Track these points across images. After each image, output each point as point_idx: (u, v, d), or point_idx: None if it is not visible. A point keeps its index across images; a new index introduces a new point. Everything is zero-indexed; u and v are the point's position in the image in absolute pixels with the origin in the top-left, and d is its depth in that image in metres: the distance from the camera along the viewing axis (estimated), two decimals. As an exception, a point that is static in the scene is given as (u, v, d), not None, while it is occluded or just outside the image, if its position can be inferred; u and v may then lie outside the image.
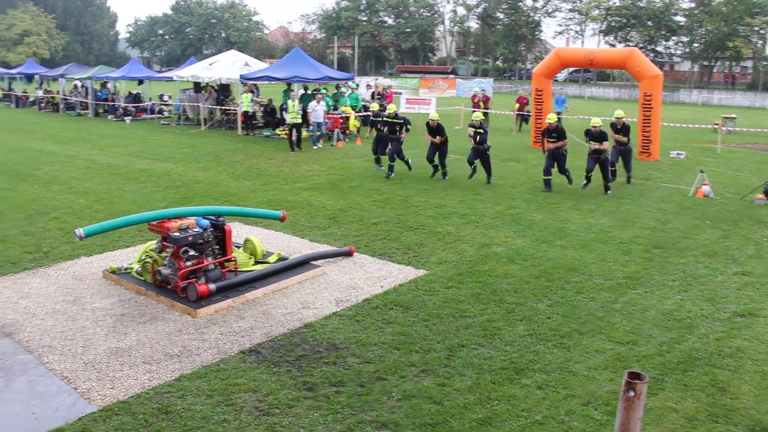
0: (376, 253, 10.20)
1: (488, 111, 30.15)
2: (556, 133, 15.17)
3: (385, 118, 17.05)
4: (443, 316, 7.74)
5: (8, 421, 5.62)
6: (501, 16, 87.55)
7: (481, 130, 15.75)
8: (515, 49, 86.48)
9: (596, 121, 15.21)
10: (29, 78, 49.24)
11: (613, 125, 16.26)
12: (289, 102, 21.71)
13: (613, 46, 74.77)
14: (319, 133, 22.63)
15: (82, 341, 7.14)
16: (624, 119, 16.32)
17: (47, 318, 7.76)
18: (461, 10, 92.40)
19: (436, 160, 16.58)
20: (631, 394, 3.64)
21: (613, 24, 77.15)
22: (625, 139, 16.16)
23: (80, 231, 7.87)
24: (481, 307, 8.07)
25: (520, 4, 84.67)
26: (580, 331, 7.37)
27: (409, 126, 16.80)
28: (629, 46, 67.48)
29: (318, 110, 22.53)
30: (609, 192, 14.95)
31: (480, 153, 15.97)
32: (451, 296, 8.41)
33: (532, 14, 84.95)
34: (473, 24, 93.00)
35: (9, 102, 44.01)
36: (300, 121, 21.68)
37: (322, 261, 9.66)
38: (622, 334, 7.32)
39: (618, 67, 24.65)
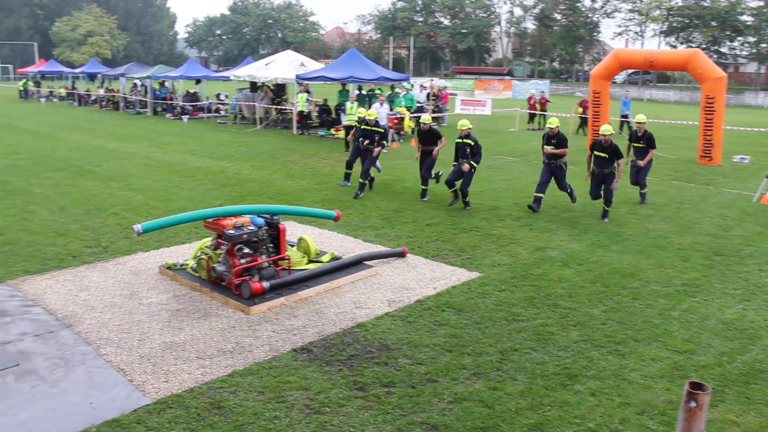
0: (429, 254, 10.17)
1: (545, 113, 29.82)
2: (556, 139, 12.91)
3: (362, 126, 14.99)
4: (496, 320, 7.67)
5: (68, 410, 5.76)
6: (558, 16, 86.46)
7: (471, 142, 13.19)
8: (572, 51, 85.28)
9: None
10: (92, 77, 50.70)
11: (632, 134, 14.39)
12: (348, 103, 21.48)
13: (675, 47, 73.08)
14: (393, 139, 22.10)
15: (138, 335, 7.29)
16: (644, 124, 14.27)
17: (105, 311, 7.95)
18: (518, 11, 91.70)
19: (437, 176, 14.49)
20: (693, 404, 3.53)
21: (674, 24, 75.44)
22: (641, 162, 14.02)
23: (138, 227, 8.04)
24: (535, 311, 7.97)
25: (579, 4, 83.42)
26: (636, 339, 7.22)
27: (386, 142, 14.91)
28: (691, 47, 65.85)
29: (381, 113, 21.84)
30: (606, 219, 12.52)
31: (461, 172, 13.18)
32: (505, 299, 8.33)
33: (590, 15, 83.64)
34: (530, 25, 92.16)
35: (72, 100, 45.35)
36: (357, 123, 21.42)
37: (375, 261, 9.67)
38: (680, 342, 7.14)
39: (679, 69, 24.11)
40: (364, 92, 26.45)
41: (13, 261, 9.86)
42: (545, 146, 13.10)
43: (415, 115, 25.86)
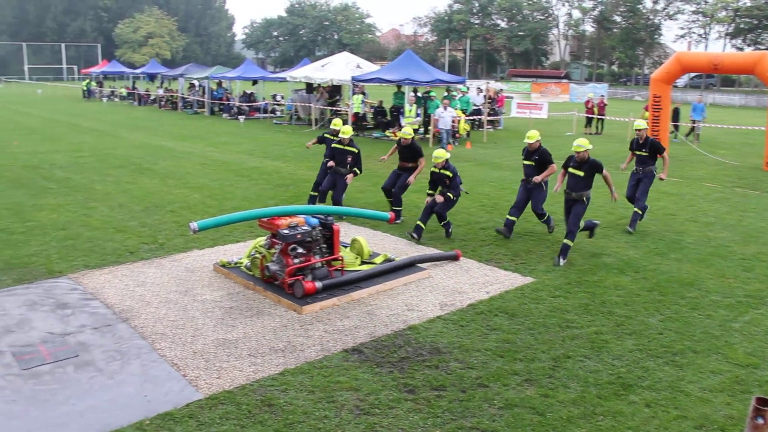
0: (482, 258, 10.09)
1: (603, 117, 29.33)
2: (538, 155, 11.17)
3: (334, 144, 12.82)
4: (549, 326, 7.56)
5: (123, 401, 5.90)
6: (618, 19, 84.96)
7: (449, 173, 11.10)
8: (632, 54, 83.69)
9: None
10: (151, 77, 51.94)
11: (633, 141, 12.44)
12: (406, 106, 21.07)
13: (741, 49, 71.03)
14: (446, 140, 21.46)
15: (192, 331, 7.40)
16: (645, 131, 12.24)
17: (160, 306, 8.11)
18: (576, 13, 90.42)
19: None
20: (761, 421, 3.41)
21: (741, 26, 73.36)
22: (662, 175, 12.20)
23: (194, 225, 8.16)
24: (589, 318, 7.83)
25: (639, 6, 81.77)
26: (695, 350, 7.01)
27: (359, 168, 12.61)
28: (759, 49, 63.93)
29: (445, 117, 21.41)
30: (561, 261, 9.89)
31: (432, 206, 11.15)
32: (558, 306, 8.20)
33: (651, 17, 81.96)
34: (588, 27, 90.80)
35: (132, 100, 46.51)
36: (417, 126, 20.82)
37: (428, 264, 9.64)
38: (742, 355, 6.91)
39: (746, 72, 23.42)
40: (419, 94, 26.40)
41: (74, 255, 10.14)
42: (524, 161, 11.46)
43: (471, 117, 25.72)
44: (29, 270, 9.47)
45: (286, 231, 8.30)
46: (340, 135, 12.54)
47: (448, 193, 11.01)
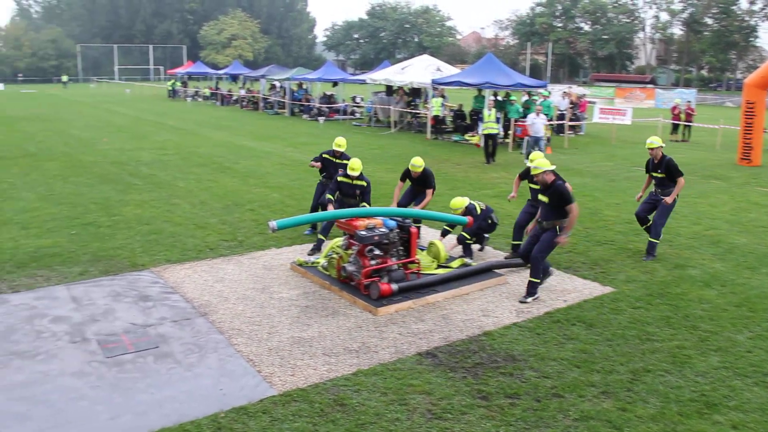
0: (561, 265, 9.87)
1: (690, 124, 28.38)
2: (665, 168, 10.17)
3: (339, 177, 10.60)
4: (628, 338, 7.33)
5: (200, 393, 6.05)
6: (710, 21, 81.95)
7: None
8: (724, 58, 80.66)
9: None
10: (234, 78, 53.19)
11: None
12: (485, 110, 20.23)
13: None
14: (536, 149, 19.46)
15: (268, 328, 7.52)
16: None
17: (238, 303, 8.26)
18: (664, 16, 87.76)
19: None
20: None
21: None
22: (668, 199, 10.34)
23: (273, 223, 8.28)
24: (671, 331, 7.55)
25: (734, 7, 78.54)
26: (787, 370, 6.67)
27: (367, 202, 10.60)
28: None
29: (537, 123, 20.08)
30: (529, 299, 8.51)
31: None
32: (639, 317, 7.94)
33: (746, 18, 78.66)
34: (677, 30, 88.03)
35: (215, 100, 47.71)
36: (496, 131, 19.86)
37: (505, 270, 9.51)
38: (837, 377, 6.53)
39: None
40: (499, 98, 26.15)
41: (156, 250, 10.45)
42: (652, 174, 10.46)
43: (551, 122, 25.29)
44: (114, 262, 9.82)
45: (363, 232, 8.34)
46: (349, 171, 10.20)
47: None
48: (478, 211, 10.20)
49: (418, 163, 10.86)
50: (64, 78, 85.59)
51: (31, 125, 30.72)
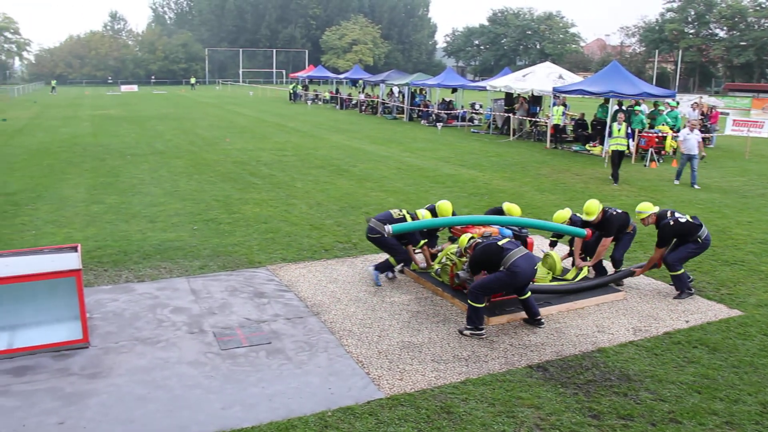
0: (683, 284, 9.38)
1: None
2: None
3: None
4: (758, 366, 6.85)
5: (308, 391, 6.16)
6: None
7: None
8: None
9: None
10: (354, 82, 54.02)
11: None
12: (615, 125, 18.19)
13: None
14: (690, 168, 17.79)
15: (378, 331, 7.54)
16: (649, 218, 9.12)
17: (350, 304, 8.34)
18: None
19: None
20: None
21: None
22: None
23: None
24: (807, 362, 7.01)
25: None
26: None
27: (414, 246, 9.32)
28: None
29: (690, 139, 17.79)
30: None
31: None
32: (770, 344, 7.42)
33: None
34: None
35: (335, 103, 48.65)
36: (624, 148, 18.08)
37: (624, 286, 9.16)
38: None
39: None
40: (624, 107, 25.27)
41: (273, 248, 10.72)
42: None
43: (677, 134, 24.16)
44: (232, 258, 10.14)
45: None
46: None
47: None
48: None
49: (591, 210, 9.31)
50: (192, 80, 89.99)
51: (161, 124, 32.39)
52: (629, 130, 20.35)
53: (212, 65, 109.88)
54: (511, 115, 29.54)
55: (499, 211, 9.70)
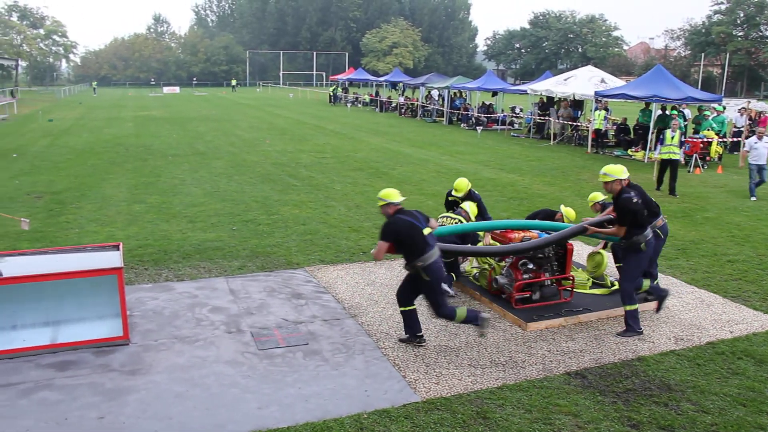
0: (727, 293, 9.18)
1: None
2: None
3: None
4: (806, 379, 6.66)
5: (345, 393, 6.16)
6: None
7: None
8: None
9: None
10: (393, 85, 54.08)
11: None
12: (668, 132, 16.99)
13: None
14: (758, 179, 16.67)
15: (416, 334, 7.50)
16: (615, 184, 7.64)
17: (387, 307, 8.32)
18: None
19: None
20: None
21: None
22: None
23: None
24: None
25: None
26: None
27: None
28: None
29: (759, 148, 16.56)
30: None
31: None
32: (819, 357, 7.21)
33: None
34: None
35: (374, 106, 48.70)
36: (677, 157, 16.86)
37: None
38: None
39: None
40: (667, 112, 24.84)
41: (311, 250, 10.76)
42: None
43: (723, 140, 23.72)
44: (271, 259, 10.21)
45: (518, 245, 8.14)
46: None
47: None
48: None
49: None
50: (233, 82, 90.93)
51: (202, 125, 32.79)
52: (683, 138, 19.53)
53: (253, 67, 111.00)
54: (551, 119, 29.27)
55: (550, 215, 9.53)
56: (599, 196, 9.12)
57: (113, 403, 5.90)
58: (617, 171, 7.58)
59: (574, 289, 8.66)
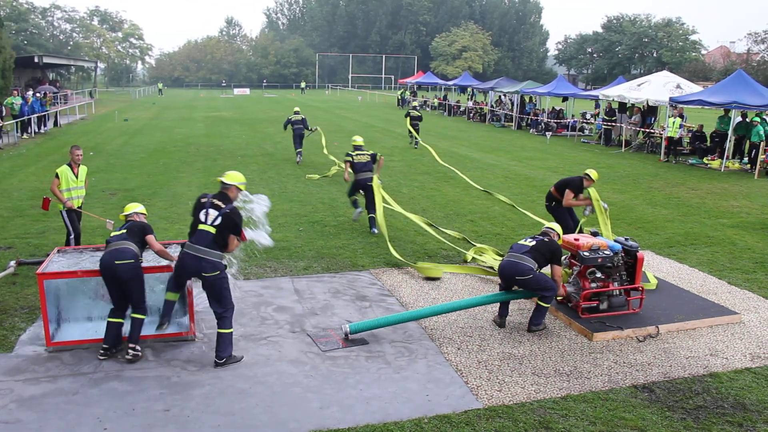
0: (808, 308, 8.78)
1: None
2: None
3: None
4: None
5: (406, 396, 6.15)
6: None
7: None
8: None
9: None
10: (462, 89, 53.80)
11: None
12: None
13: None
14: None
15: (479, 340, 7.44)
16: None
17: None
18: None
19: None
20: None
21: None
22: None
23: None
24: None
25: None
26: None
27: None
28: None
29: None
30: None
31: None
32: None
33: None
34: None
35: (443, 110, 48.51)
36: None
37: (739, 308, 8.61)
38: None
39: None
40: (748, 119, 23.96)
41: (376, 252, 10.79)
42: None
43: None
44: (336, 261, 10.26)
45: (587, 253, 7.97)
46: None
47: None
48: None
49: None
50: (303, 84, 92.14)
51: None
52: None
53: (322, 70, 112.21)
54: (622, 125, 28.63)
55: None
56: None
57: (178, 396, 6.03)
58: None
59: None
